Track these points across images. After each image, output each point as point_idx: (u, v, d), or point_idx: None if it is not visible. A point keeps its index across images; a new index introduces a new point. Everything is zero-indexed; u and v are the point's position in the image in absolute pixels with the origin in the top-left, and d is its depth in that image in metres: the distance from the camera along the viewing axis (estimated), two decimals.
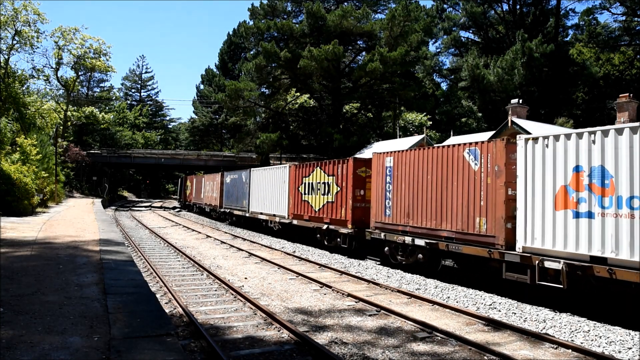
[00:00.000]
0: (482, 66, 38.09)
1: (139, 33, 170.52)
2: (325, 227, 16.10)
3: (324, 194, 16.39)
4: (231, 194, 26.97)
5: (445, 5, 48.83)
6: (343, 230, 14.98)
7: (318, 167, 16.94)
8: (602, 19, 74.46)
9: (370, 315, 8.25)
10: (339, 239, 15.38)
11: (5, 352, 4.01)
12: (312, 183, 17.31)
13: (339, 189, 15.45)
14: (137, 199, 72.30)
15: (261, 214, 21.81)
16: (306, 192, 17.66)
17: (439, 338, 7.05)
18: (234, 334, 7.07)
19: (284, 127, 40.94)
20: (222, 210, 28.74)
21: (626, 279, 7.45)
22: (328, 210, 16.06)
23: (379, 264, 13.96)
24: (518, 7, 44.47)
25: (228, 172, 28.38)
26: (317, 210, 16.82)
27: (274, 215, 20.37)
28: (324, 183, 16.43)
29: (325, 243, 16.42)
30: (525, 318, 8.29)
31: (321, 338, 6.91)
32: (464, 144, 10.94)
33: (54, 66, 42.94)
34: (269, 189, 21.20)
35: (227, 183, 28.06)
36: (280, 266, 12.98)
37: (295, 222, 18.43)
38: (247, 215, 23.65)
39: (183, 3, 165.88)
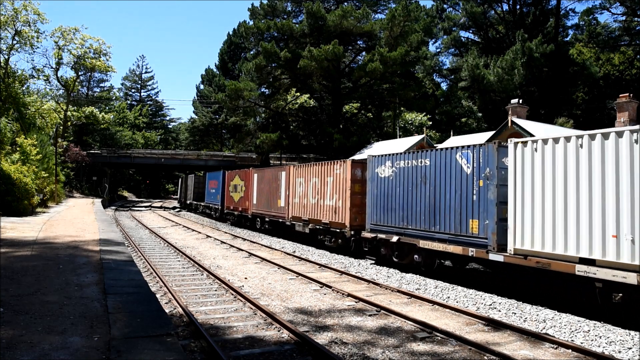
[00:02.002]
0: (482, 66, 38.06)
1: (139, 33, 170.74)
2: None
3: None
4: (403, 202, 12.74)
5: (445, 5, 48.79)
6: None
7: None
8: (602, 19, 74.56)
9: (370, 315, 8.25)
10: None
11: (5, 352, 4.01)
12: None
13: None
14: (137, 199, 72.32)
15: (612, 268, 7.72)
16: None
17: (439, 338, 7.05)
18: (234, 334, 7.07)
19: (284, 127, 40.93)
20: (363, 235, 14.31)
21: None
22: None
23: None
24: (518, 7, 44.45)
25: (386, 157, 13.67)
26: None
27: None
28: None
29: None
30: (525, 318, 8.29)
31: (321, 338, 6.91)
32: None
33: (54, 66, 43.06)
34: None
35: (380, 179, 13.70)
36: (280, 266, 12.98)
37: None
38: (497, 256, 9.65)
39: (183, 3, 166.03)
